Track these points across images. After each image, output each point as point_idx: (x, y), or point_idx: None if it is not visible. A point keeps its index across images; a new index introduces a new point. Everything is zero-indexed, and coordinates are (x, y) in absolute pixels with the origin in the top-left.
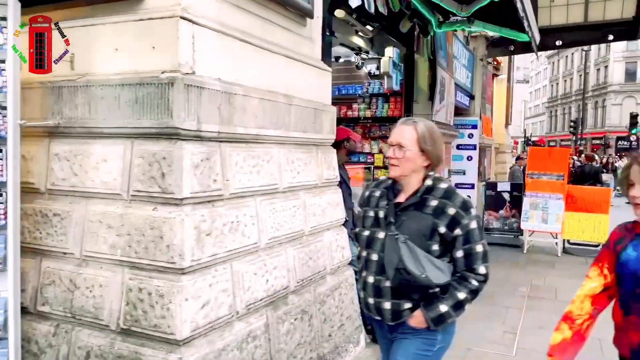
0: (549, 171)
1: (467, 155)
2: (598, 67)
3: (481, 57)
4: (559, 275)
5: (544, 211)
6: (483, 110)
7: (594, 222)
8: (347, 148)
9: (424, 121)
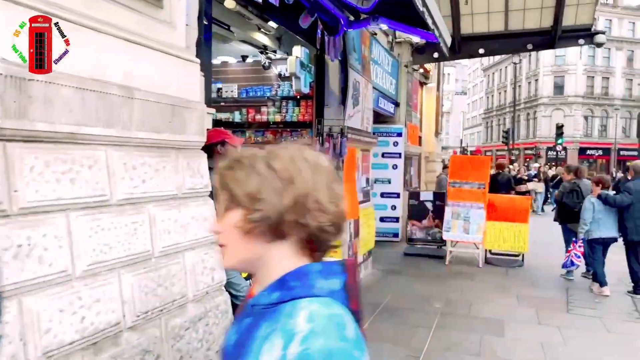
0: (470, 180)
1: (392, 163)
2: (529, 80)
3: (406, 64)
4: (477, 288)
5: (466, 221)
6: (409, 118)
7: (514, 231)
8: (223, 153)
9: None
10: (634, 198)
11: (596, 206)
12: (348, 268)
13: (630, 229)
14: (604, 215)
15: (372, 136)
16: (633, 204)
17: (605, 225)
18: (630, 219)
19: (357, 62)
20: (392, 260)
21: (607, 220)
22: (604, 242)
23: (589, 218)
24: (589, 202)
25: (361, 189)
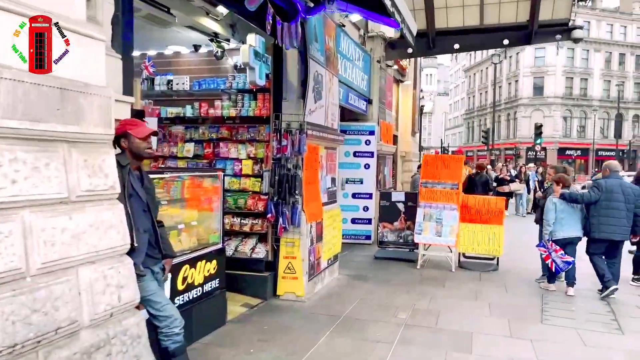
0: (443, 180)
1: (364, 163)
2: (510, 81)
3: (378, 59)
4: (447, 295)
5: (438, 223)
6: (382, 116)
7: (488, 233)
8: (129, 148)
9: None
10: (602, 196)
11: (558, 206)
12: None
13: (594, 226)
14: (567, 214)
15: (338, 133)
16: (600, 202)
17: (569, 224)
18: (595, 216)
19: (320, 54)
20: (361, 265)
21: (571, 220)
22: (568, 242)
23: (552, 219)
24: (551, 202)
25: (326, 189)
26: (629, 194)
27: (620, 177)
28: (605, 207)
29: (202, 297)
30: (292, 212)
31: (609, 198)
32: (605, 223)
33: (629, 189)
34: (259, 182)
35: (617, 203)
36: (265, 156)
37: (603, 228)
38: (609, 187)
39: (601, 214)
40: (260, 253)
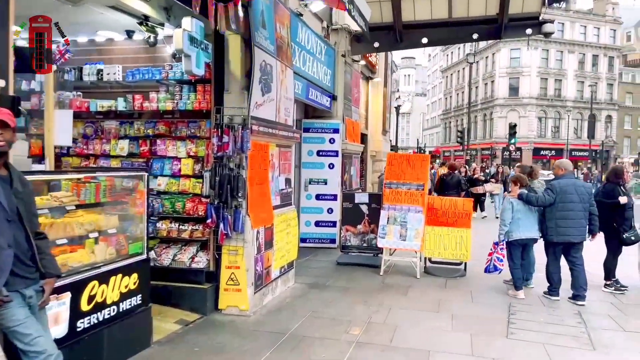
0: (408, 180)
1: (328, 162)
2: (486, 81)
3: (343, 53)
4: (408, 306)
5: (403, 226)
6: (348, 113)
7: (456, 237)
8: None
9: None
10: (557, 197)
11: (515, 206)
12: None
13: (551, 229)
14: (524, 215)
15: (293, 130)
16: (555, 204)
17: (525, 225)
18: (552, 219)
19: (269, 42)
20: (321, 271)
21: (527, 221)
22: (524, 243)
23: (508, 219)
24: (508, 202)
25: (279, 191)
26: (582, 193)
27: (573, 177)
28: (561, 209)
29: (117, 317)
30: (235, 216)
31: (564, 199)
32: (563, 225)
33: (582, 188)
34: (200, 184)
35: (573, 204)
36: (206, 155)
37: (561, 231)
38: (562, 188)
39: (557, 216)
40: (200, 262)
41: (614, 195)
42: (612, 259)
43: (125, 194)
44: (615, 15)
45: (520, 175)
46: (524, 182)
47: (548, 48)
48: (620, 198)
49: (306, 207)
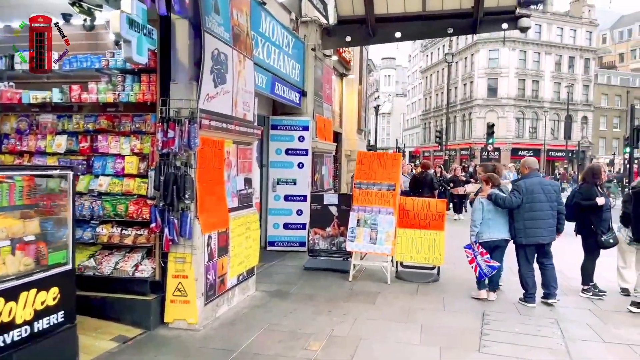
0: (378, 180)
1: (297, 161)
2: (465, 82)
3: (313, 47)
4: (375, 315)
5: (373, 228)
6: (319, 110)
7: (428, 240)
8: None
9: None
10: (524, 197)
11: (485, 206)
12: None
13: (519, 231)
14: (494, 215)
15: (254, 126)
16: (523, 204)
17: (496, 226)
18: (520, 220)
19: (224, 29)
20: (286, 278)
21: (498, 221)
22: (495, 245)
23: (479, 219)
24: (478, 202)
25: (236, 192)
26: (549, 192)
27: (539, 175)
28: (528, 209)
29: (30, 339)
30: (182, 220)
31: (532, 199)
32: (532, 227)
33: (549, 187)
34: (146, 184)
35: (541, 204)
36: (151, 152)
37: (530, 232)
38: (529, 188)
39: (525, 217)
40: (145, 271)
41: (590, 196)
42: (590, 262)
43: (47, 195)
44: (592, 17)
45: (492, 175)
46: (496, 182)
47: (526, 49)
48: (597, 199)
49: (274, 209)
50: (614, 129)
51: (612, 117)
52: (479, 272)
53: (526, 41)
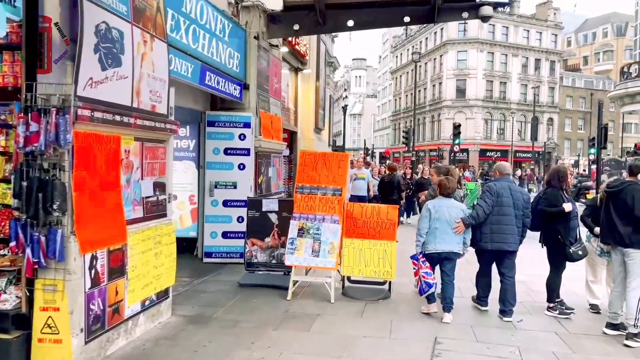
0: (323, 184)
1: (238, 162)
2: (434, 83)
3: (256, 35)
4: (307, 348)
5: (316, 239)
6: (265, 105)
7: (378, 251)
8: None
9: None
10: (494, 200)
11: (432, 214)
12: None
13: (485, 235)
14: (442, 224)
15: (166, 120)
16: (492, 208)
17: (443, 237)
18: (487, 224)
19: (118, 0)
20: (215, 297)
21: (446, 231)
22: (444, 257)
23: (424, 228)
24: (425, 209)
25: (142, 199)
26: (517, 199)
27: (510, 180)
28: (496, 213)
29: None
30: (50, 238)
31: (500, 203)
32: (498, 232)
33: (518, 194)
34: (11, 190)
35: (509, 208)
36: (15, 151)
37: (495, 237)
38: (499, 191)
39: (493, 221)
40: (8, 302)
41: (557, 202)
42: (556, 277)
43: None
44: (557, 20)
45: (443, 182)
46: (445, 191)
47: (493, 51)
48: (564, 205)
49: (212, 216)
50: (579, 131)
51: (577, 118)
52: (420, 286)
53: (494, 43)
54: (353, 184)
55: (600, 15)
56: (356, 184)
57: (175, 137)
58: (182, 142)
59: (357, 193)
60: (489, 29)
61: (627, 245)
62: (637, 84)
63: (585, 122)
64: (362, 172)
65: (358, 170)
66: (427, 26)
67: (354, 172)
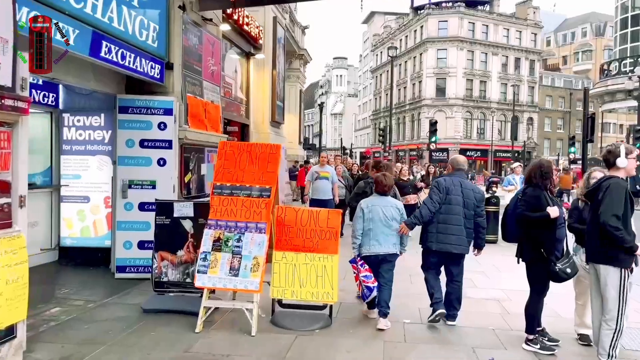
0: (248, 182)
1: (157, 157)
2: (414, 82)
3: (181, 4)
4: None
5: (236, 253)
6: (195, 89)
7: (316, 267)
8: None
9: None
10: (441, 197)
11: (366, 214)
12: None
13: (431, 235)
14: (377, 225)
15: (10, 95)
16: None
17: (378, 238)
18: (434, 222)
19: None
20: (104, 328)
21: (381, 232)
22: (381, 259)
23: (359, 229)
24: (359, 208)
25: None
26: (468, 197)
27: (463, 176)
28: (444, 211)
29: None
30: None
31: (449, 201)
32: (444, 231)
33: (469, 191)
34: None
35: (457, 207)
36: None
37: (441, 238)
38: (448, 187)
39: (440, 219)
40: None
41: (539, 205)
42: (537, 302)
43: None
44: (536, 19)
45: (384, 175)
46: (380, 188)
47: (473, 49)
48: (549, 209)
49: (125, 222)
50: (558, 130)
51: (556, 118)
52: (362, 292)
53: (474, 41)
54: (315, 185)
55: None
56: (318, 185)
57: (88, 128)
58: (95, 134)
59: (319, 196)
60: (469, 27)
61: (595, 259)
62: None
63: (565, 121)
64: (325, 169)
65: (321, 168)
66: (407, 24)
67: (315, 170)
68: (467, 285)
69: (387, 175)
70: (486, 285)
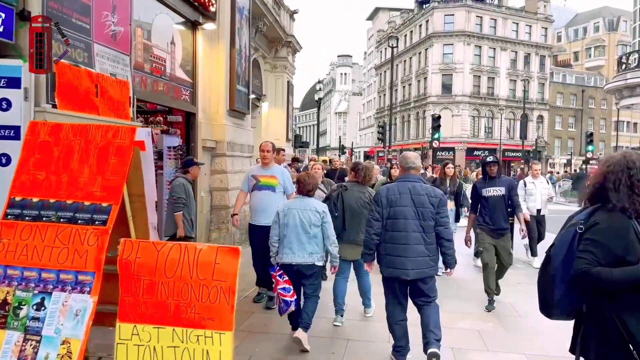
0: (69, 197)
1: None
2: (419, 78)
3: None
4: None
5: (32, 332)
6: (80, 56)
7: (193, 354)
8: None
9: None
10: (382, 212)
11: (281, 218)
12: None
13: (380, 257)
14: (292, 231)
15: None
16: (383, 220)
17: (290, 246)
18: (382, 242)
19: None
20: None
21: (299, 239)
22: (295, 271)
23: (275, 235)
24: (275, 214)
25: None
26: (422, 205)
27: (415, 179)
28: (390, 227)
29: None
30: None
31: (394, 214)
32: (392, 253)
33: (423, 197)
34: None
35: (405, 222)
36: None
37: (389, 261)
38: (391, 198)
39: (386, 238)
40: None
41: (628, 249)
42: None
43: None
44: (547, 13)
45: (308, 174)
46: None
47: (481, 45)
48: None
49: None
50: (569, 129)
51: (568, 116)
52: (279, 305)
53: (481, 36)
54: (253, 199)
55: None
56: (257, 198)
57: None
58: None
59: (259, 220)
60: (476, 21)
61: None
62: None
63: (577, 120)
64: (269, 172)
65: (263, 169)
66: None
67: (253, 174)
68: (471, 345)
69: (310, 175)
70: (500, 347)
